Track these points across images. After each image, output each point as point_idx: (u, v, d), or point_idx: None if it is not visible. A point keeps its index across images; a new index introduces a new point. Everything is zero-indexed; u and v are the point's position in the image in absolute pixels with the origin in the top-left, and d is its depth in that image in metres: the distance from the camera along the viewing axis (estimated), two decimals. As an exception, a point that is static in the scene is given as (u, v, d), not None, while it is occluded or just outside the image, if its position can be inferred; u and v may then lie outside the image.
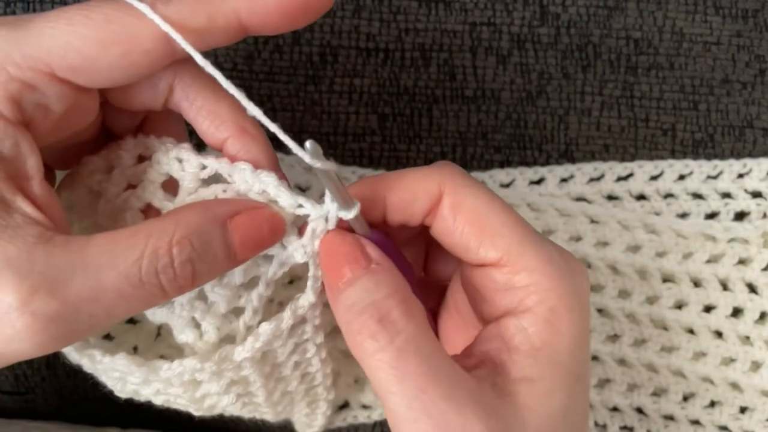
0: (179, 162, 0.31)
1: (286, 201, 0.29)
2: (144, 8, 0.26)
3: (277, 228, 0.29)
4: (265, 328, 0.30)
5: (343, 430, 0.45)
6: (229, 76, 0.28)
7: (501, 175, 0.44)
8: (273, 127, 0.28)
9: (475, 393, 0.26)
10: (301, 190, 0.43)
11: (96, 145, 0.32)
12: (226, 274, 0.31)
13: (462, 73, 0.44)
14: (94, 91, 0.29)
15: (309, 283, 0.30)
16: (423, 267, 0.35)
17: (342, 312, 0.27)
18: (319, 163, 0.26)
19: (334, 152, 0.44)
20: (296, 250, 0.30)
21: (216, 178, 0.30)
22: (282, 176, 0.30)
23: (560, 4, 0.44)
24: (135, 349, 0.34)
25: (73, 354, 0.31)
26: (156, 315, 0.31)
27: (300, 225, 0.30)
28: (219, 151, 0.31)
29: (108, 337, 0.33)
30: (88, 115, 0.29)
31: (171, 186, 0.31)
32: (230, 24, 0.27)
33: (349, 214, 0.28)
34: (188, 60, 0.29)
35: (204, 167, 0.30)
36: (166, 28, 0.26)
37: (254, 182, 0.29)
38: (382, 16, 0.44)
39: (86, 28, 0.26)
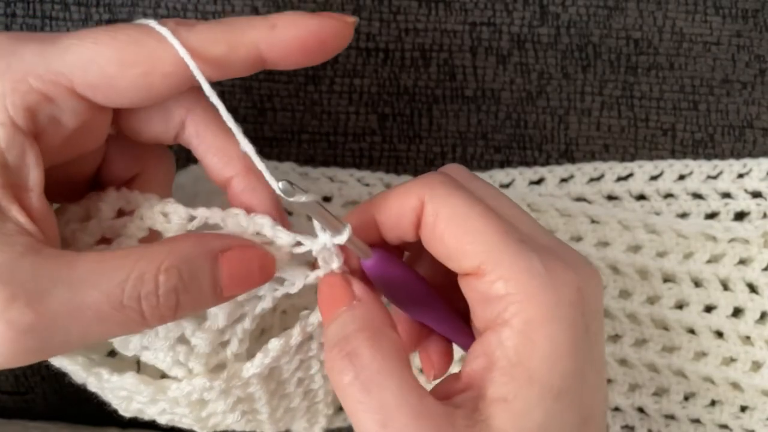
0: (164, 216, 0.30)
1: (284, 240, 0.29)
2: (165, 33, 0.27)
3: (266, 268, 0.29)
4: (275, 344, 0.31)
5: (343, 430, 0.45)
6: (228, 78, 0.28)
7: (501, 175, 0.44)
8: (260, 165, 0.28)
9: (442, 424, 0.26)
10: (326, 199, 0.43)
11: (83, 192, 0.32)
12: (208, 318, 0.30)
13: (462, 73, 0.44)
14: (107, 115, 0.29)
15: None
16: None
17: (325, 348, 0.28)
18: (299, 198, 0.26)
19: (334, 152, 0.44)
20: (303, 278, 0.30)
21: (205, 227, 0.30)
22: (284, 217, 0.31)
23: (560, 4, 0.44)
24: (138, 364, 0.34)
25: (79, 372, 0.31)
26: (143, 356, 0.31)
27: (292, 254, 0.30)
28: (223, 190, 0.31)
29: (111, 353, 0.33)
30: (95, 140, 0.30)
31: (150, 241, 0.31)
32: (250, 55, 0.28)
33: (342, 238, 0.29)
34: (201, 98, 0.29)
35: (193, 218, 0.30)
36: (182, 53, 0.27)
37: (249, 225, 0.29)
38: (382, 16, 0.44)
39: (110, 47, 0.27)
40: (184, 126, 0.30)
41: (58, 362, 0.31)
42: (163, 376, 0.33)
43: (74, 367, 0.31)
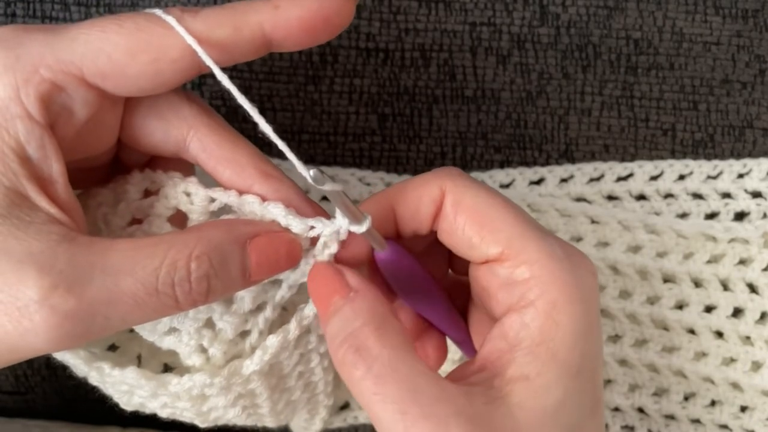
0: (187, 196, 0.31)
1: (298, 227, 0.29)
2: (171, 20, 0.27)
3: (293, 253, 0.30)
4: (273, 340, 0.31)
5: (343, 430, 0.45)
6: (228, 77, 0.28)
7: (501, 175, 0.44)
8: (283, 147, 0.28)
9: (460, 405, 0.26)
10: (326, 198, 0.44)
11: (105, 174, 0.33)
12: (235, 302, 0.31)
13: (462, 73, 0.44)
14: (118, 106, 0.29)
15: None
16: (450, 267, 0.36)
17: (328, 342, 0.28)
18: (327, 187, 0.27)
19: (334, 152, 0.44)
20: (307, 265, 0.30)
21: (225, 210, 0.31)
22: (314, 206, 0.31)
23: (560, 4, 0.44)
24: (138, 358, 0.34)
25: (81, 366, 0.31)
26: (164, 342, 0.31)
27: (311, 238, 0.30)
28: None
29: (112, 347, 0.34)
30: (107, 135, 0.30)
31: (178, 219, 0.31)
32: (255, 36, 0.28)
33: (361, 228, 0.29)
34: (203, 113, 0.30)
35: (212, 200, 0.31)
36: (189, 40, 0.27)
37: (263, 213, 0.30)
38: (382, 16, 0.44)
39: (118, 35, 0.27)
40: (188, 142, 0.30)
41: (60, 356, 0.31)
42: (165, 370, 0.34)
43: (76, 361, 0.31)
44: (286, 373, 0.34)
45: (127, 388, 0.32)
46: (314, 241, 0.30)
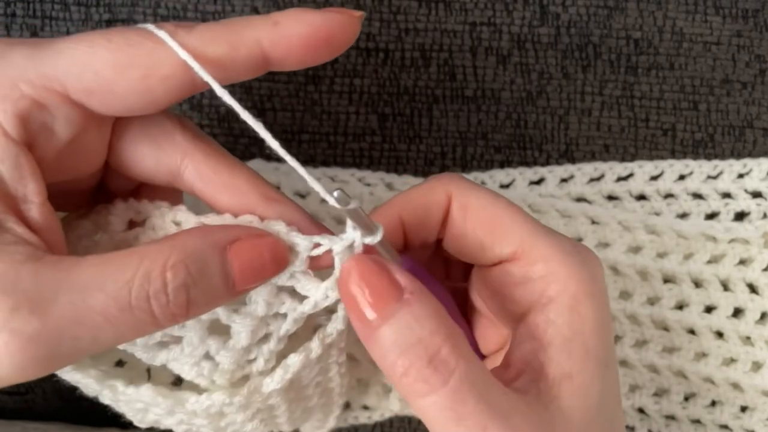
0: (177, 225, 0.29)
1: (302, 244, 0.28)
2: (164, 35, 0.26)
3: (279, 257, 0.28)
4: (294, 359, 0.30)
5: (343, 430, 0.45)
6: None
7: (501, 175, 0.44)
8: (296, 165, 0.27)
9: (529, 416, 0.25)
10: (301, 196, 0.43)
11: (89, 199, 0.31)
12: (232, 336, 0.29)
13: (462, 73, 0.44)
14: (105, 127, 0.28)
15: (339, 311, 0.30)
16: (446, 275, 0.35)
17: (380, 351, 0.25)
18: (351, 206, 0.26)
19: (334, 152, 0.44)
20: (329, 289, 0.28)
21: None
22: (319, 226, 0.29)
23: (560, 4, 0.44)
24: (148, 372, 0.33)
25: (92, 385, 0.30)
26: (170, 365, 0.30)
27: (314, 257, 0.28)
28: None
29: (119, 363, 0.32)
30: (93, 157, 0.29)
31: None
32: (252, 54, 0.26)
33: (376, 238, 0.27)
34: (198, 138, 0.28)
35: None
36: (184, 55, 0.26)
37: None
38: (382, 16, 0.44)
39: (106, 50, 0.26)
40: (182, 171, 0.28)
41: (70, 376, 0.30)
42: (175, 382, 0.33)
43: (87, 381, 0.30)
44: (305, 385, 0.33)
45: (142, 405, 0.31)
46: (315, 261, 0.28)
